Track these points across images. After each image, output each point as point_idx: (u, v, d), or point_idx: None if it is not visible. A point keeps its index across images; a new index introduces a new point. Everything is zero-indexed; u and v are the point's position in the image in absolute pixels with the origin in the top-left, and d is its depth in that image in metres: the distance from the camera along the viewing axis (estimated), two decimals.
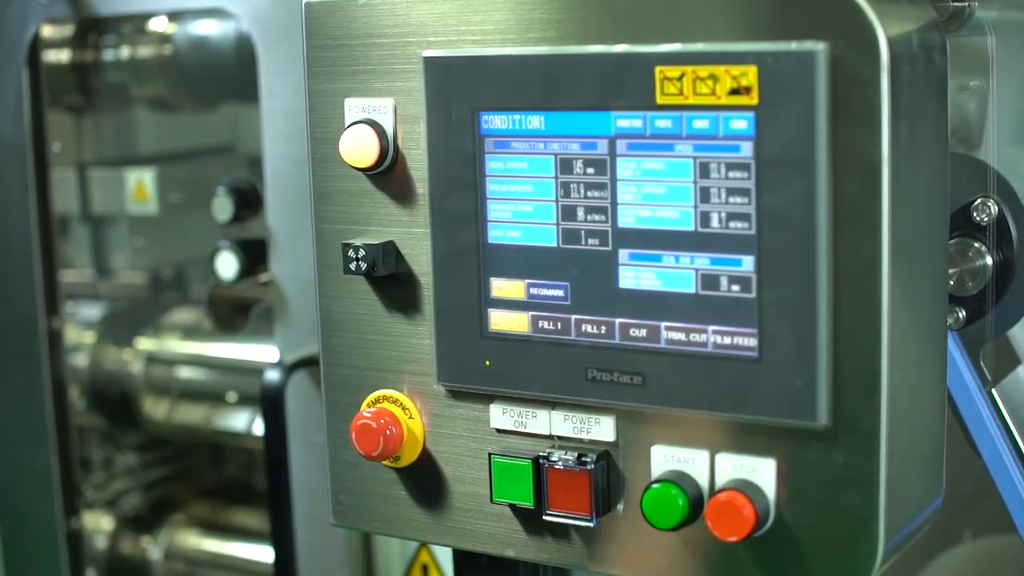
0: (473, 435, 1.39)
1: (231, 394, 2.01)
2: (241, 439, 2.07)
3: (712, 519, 1.25)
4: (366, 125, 1.38)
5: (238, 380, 2.02)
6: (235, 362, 2.03)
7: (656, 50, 1.24)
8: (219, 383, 2.04)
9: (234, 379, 2.03)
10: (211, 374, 2.06)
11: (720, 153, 1.23)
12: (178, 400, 2.06)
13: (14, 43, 1.92)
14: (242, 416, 2.01)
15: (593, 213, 1.30)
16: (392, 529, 1.48)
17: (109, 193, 2.06)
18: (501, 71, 1.31)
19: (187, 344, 2.10)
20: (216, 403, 2.03)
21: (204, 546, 2.12)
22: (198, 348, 2.08)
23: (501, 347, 1.35)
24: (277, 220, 1.71)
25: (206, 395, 2.05)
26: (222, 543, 2.13)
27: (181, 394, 2.06)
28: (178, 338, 2.11)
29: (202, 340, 2.10)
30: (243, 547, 2.12)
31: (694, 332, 1.26)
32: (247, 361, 2.01)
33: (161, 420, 2.09)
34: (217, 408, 2.03)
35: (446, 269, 1.37)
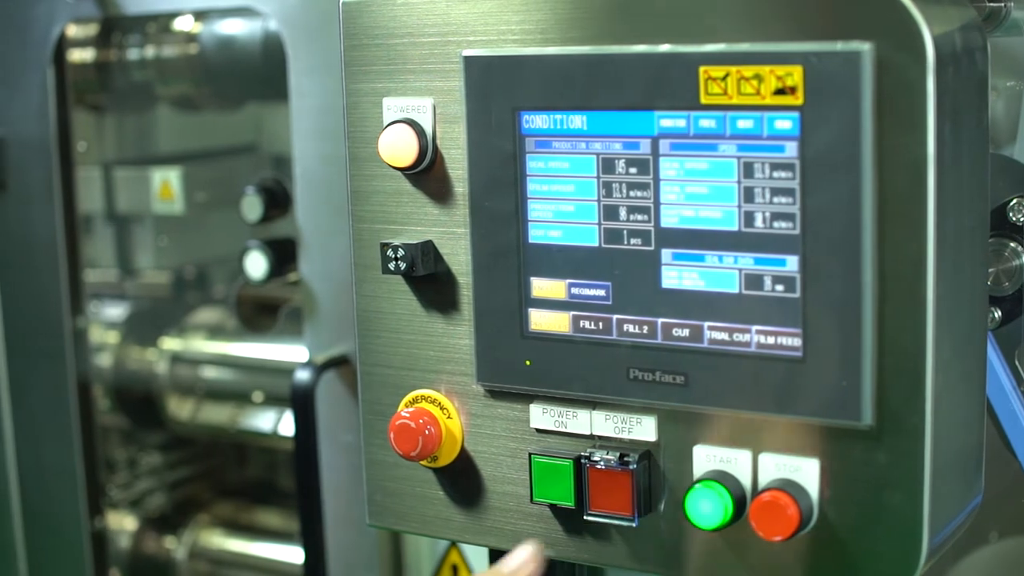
0: (512, 435, 1.39)
1: (257, 394, 2.00)
2: (267, 439, 2.06)
3: (756, 519, 1.25)
4: (405, 124, 1.38)
5: (264, 380, 2.02)
6: (261, 362, 2.03)
7: (700, 50, 1.24)
8: (244, 383, 2.03)
9: (260, 379, 2.03)
10: (236, 374, 2.05)
11: (764, 153, 1.23)
12: (203, 400, 2.06)
13: (40, 42, 1.92)
14: (268, 416, 2.01)
15: (635, 213, 1.29)
16: (429, 529, 1.48)
17: (134, 192, 2.06)
18: (542, 71, 1.31)
19: (212, 344, 2.09)
20: (241, 403, 2.03)
21: (228, 546, 2.12)
22: (223, 348, 2.08)
23: (542, 347, 1.35)
24: (307, 220, 1.70)
25: (231, 395, 2.04)
26: (246, 543, 2.13)
27: (206, 394, 2.06)
28: (203, 338, 2.10)
29: (227, 340, 2.09)
30: (267, 547, 2.11)
31: (737, 332, 1.26)
32: (273, 361, 2.01)
33: (186, 420, 2.08)
34: (242, 408, 2.03)
35: (486, 269, 1.36)
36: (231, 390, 2.05)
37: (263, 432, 2.00)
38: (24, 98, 1.95)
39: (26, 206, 1.98)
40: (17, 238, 1.99)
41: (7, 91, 1.97)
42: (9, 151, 1.98)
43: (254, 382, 2.02)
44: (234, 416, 2.03)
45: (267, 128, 2.30)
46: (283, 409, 2.00)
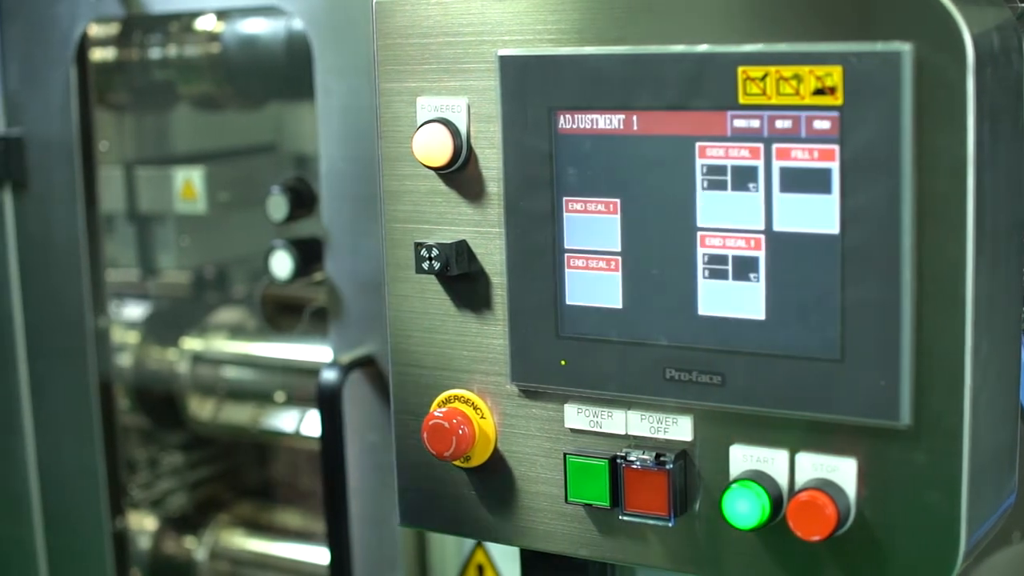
0: (546, 435, 1.39)
1: (279, 394, 2.00)
2: (289, 439, 2.06)
3: (794, 519, 1.25)
4: (439, 124, 1.38)
5: (285, 380, 2.02)
6: (282, 362, 2.02)
7: (739, 50, 1.24)
8: (266, 383, 2.03)
9: (281, 379, 2.02)
10: (258, 373, 2.05)
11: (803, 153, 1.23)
12: (224, 400, 2.06)
13: (62, 41, 1.92)
14: (290, 416, 2.00)
15: (671, 213, 1.29)
16: (461, 529, 1.48)
17: (156, 192, 2.06)
18: (578, 70, 1.31)
19: (233, 344, 2.09)
20: (263, 403, 2.02)
21: (248, 546, 2.12)
22: (245, 348, 2.07)
23: (577, 347, 1.35)
24: (332, 219, 1.70)
25: (253, 395, 2.04)
26: (267, 543, 2.12)
27: (227, 394, 2.06)
28: (224, 337, 2.10)
29: (248, 339, 2.09)
30: (288, 547, 2.11)
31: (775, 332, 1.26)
32: (295, 361, 2.00)
33: (207, 420, 2.08)
34: (264, 408, 2.02)
35: (520, 269, 1.36)
36: (253, 390, 2.04)
37: (285, 432, 1.99)
38: (45, 97, 1.94)
39: (47, 206, 1.97)
40: (38, 238, 1.99)
41: (28, 90, 1.96)
42: (30, 150, 1.98)
43: (276, 382, 2.02)
44: (256, 416, 2.02)
45: (287, 127, 2.30)
46: (305, 409, 2.00)
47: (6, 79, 1.98)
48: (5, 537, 2.12)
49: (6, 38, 1.97)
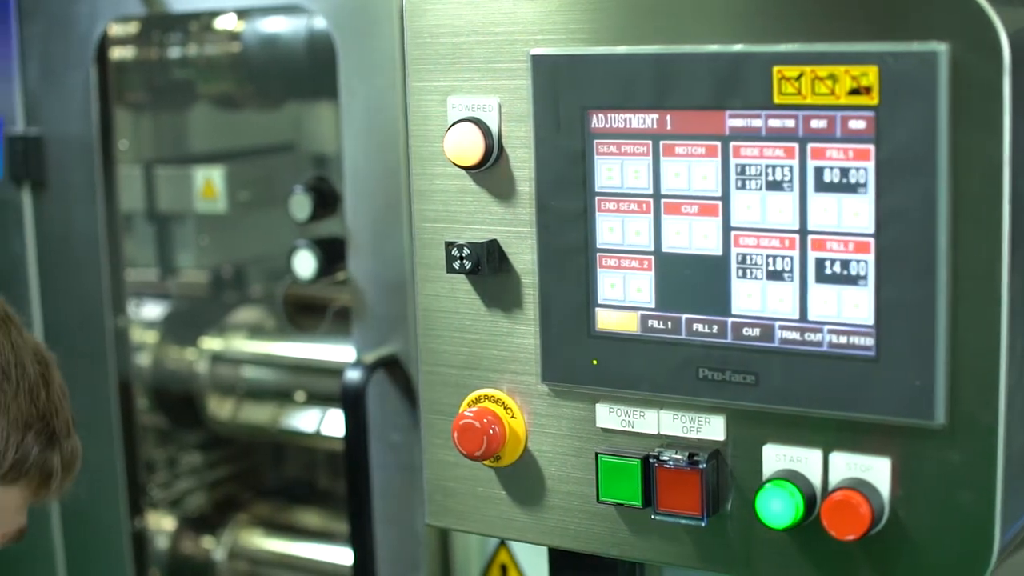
0: (577, 434, 1.39)
1: (299, 393, 2.00)
2: (309, 439, 2.06)
3: (828, 518, 1.25)
4: (471, 123, 1.37)
5: (305, 379, 2.01)
6: (302, 361, 2.02)
7: (774, 50, 1.24)
8: (286, 382, 2.03)
9: (301, 378, 2.02)
10: (278, 373, 2.05)
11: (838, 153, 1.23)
12: (244, 400, 2.05)
13: (82, 40, 1.91)
14: (310, 416, 2.00)
15: (704, 212, 1.29)
16: (490, 529, 1.48)
17: (176, 191, 2.05)
18: (611, 70, 1.31)
19: (253, 343, 2.09)
20: (283, 402, 2.02)
21: (268, 546, 2.11)
22: (264, 347, 2.07)
23: (609, 346, 1.35)
24: (356, 219, 1.70)
25: (273, 394, 2.04)
26: (286, 543, 2.12)
27: (247, 394, 2.05)
28: (243, 337, 2.10)
29: (268, 339, 2.08)
30: (307, 547, 2.11)
31: (809, 331, 1.26)
32: (315, 360, 2.00)
33: (226, 420, 2.07)
34: (284, 408, 2.02)
35: (552, 268, 1.36)
36: (272, 389, 2.04)
37: (306, 433, 1.99)
38: (65, 97, 1.94)
39: (66, 205, 1.97)
40: (57, 237, 1.99)
41: (47, 89, 1.96)
42: (49, 150, 1.97)
43: (296, 382, 2.02)
44: (276, 416, 2.02)
45: (304, 127, 2.29)
46: (325, 409, 1.99)
47: (25, 79, 1.98)
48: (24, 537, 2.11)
49: (25, 38, 1.97)
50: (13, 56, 1.97)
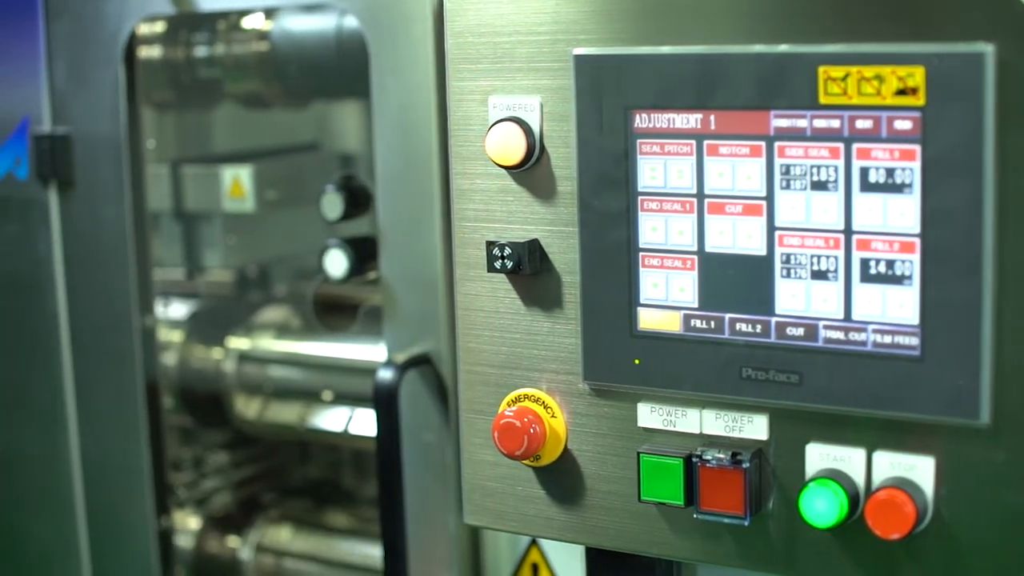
0: (618, 434, 1.39)
1: (326, 392, 2.00)
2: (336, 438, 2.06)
3: (872, 517, 1.26)
4: (513, 123, 1.38)
5: (334, 379, 2.01)
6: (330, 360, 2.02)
7: (820, 50, 1.24)
8: (314, 381, 2.03)
9: (330, 377, 2.02)
10: (305, 372, 2.05)
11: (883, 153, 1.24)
12: (271, 399, 2.05)
13: (111, 40, 1.91)
14: (338, 414, 2.00)
15: (748, 212, 1.30)
16: (530, 528, 1.48)
17: (204, 190, 2.05)
18: (655, 70, 1.31)
19: (280, 342, 2.09)
20: (311, 402, 2.02)
21: (294, 545, 2.11)
22: (291, 346, 2.07)
23: (651, 346, 1.35)
24: (387, 218, 1.70)
25: (301, 394, 2.04)
26: (312, 542, 2.12)
27: (274, 393, 2.05)
28: (270, 336, 2.10)
29: (295, 338, 2.09)
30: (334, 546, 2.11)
31: (853, 331, 1.27)
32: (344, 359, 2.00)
33: (253, 419, 2.07)
34: (311, 407, 2.02)
35: (594, 268, 1.36)
36: (300, 389, 2.04)
37: (334, 432, 1.99)
38: (93, 96, 1.94)
39: (94, 204, 1.97)
40: (84, 236, 1.99)
41: (75, 89, 1.96)
42: (77, 149, 1.97)
43: (323, 381, 2.02)
44: (303, 415, 2.02)
45: (328, 126, 2.30)
46: (353, 408, 1.99)
47: (52, 78, 1.98)
48: (50, 536, 2.12)
49: (51, 37, 1.97)
50: (40, 55, 1.98)
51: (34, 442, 2.10)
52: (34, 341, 2.07)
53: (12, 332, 2.09)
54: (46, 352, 2.06)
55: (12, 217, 2.05)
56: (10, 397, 2.11)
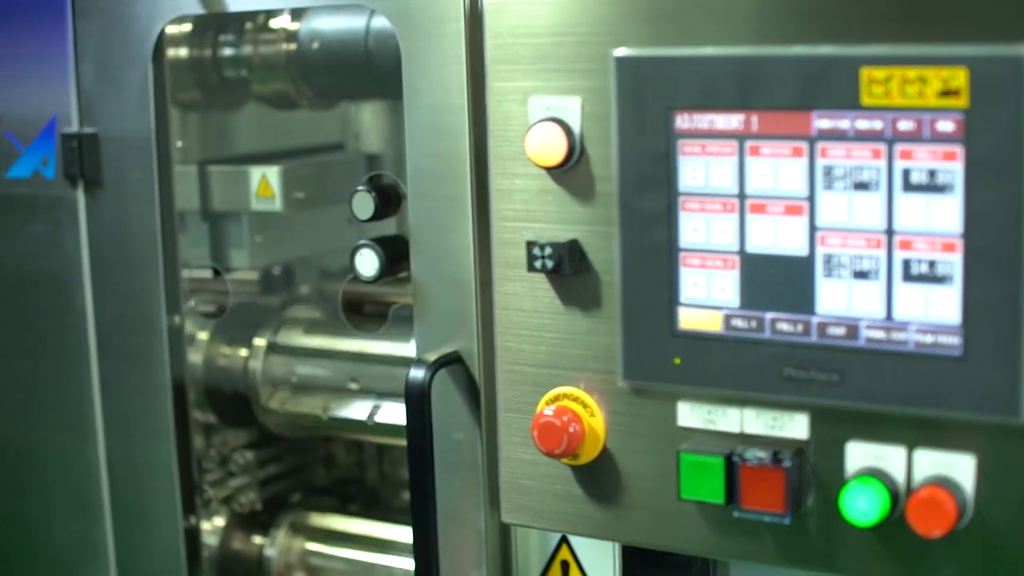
0: (657, 432, 1.40)
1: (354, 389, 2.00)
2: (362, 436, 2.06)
3: (914, 515, 1.27)
4: (553, 123, 1.39)
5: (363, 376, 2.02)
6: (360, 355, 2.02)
7: (862, 52, 1.25)
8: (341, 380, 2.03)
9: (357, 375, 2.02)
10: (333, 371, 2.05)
11: (926, 154, 1.25)
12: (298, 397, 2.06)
13: (140, 40, 1.91)
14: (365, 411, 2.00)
15: (789, 213, 1.30)
16: (568, 527, 1.49)
17: (231, 190, 2.06)
18: (697, 71, 1.32)
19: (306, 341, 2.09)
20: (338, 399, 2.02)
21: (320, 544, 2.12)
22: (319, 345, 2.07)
23: (691, 345, 1.36)
24: (419, 218, 1.70)
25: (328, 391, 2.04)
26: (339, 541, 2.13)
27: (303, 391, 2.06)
28: (297, 335, 2.10)
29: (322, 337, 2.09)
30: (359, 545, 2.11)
31: (895, 330, 1.27)
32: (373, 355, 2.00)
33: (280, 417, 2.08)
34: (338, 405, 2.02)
35: (634, 267, 1.37)
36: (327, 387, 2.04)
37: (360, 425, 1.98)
38: (121, 96, 1.94)
39: (122, 204, 1.97)
40: (112, 236, 1.99)
41: (103, 89, 1.96)
42: (105, 148, 1.98)
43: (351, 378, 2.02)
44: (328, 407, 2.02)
45: (351, 126, 2.30)
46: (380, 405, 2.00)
47: (79, 78, 1.98)
48: (75, 534, 2.12)
49: (79, 37, 1.97)
50: (68, 55, 1.98)
51: (60, 440, 2.10)
52: (61, 340, 2.07)
53: (39, 331, 2.09)
54: (73, 351, 2.06)
55: (39, 216, 2.06)
56: (37, 396, 2.11)
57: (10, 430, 2.15)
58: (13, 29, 2.06)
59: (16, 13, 2.05)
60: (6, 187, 2.08)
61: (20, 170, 2.07)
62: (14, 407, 2.14)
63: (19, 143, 2.06)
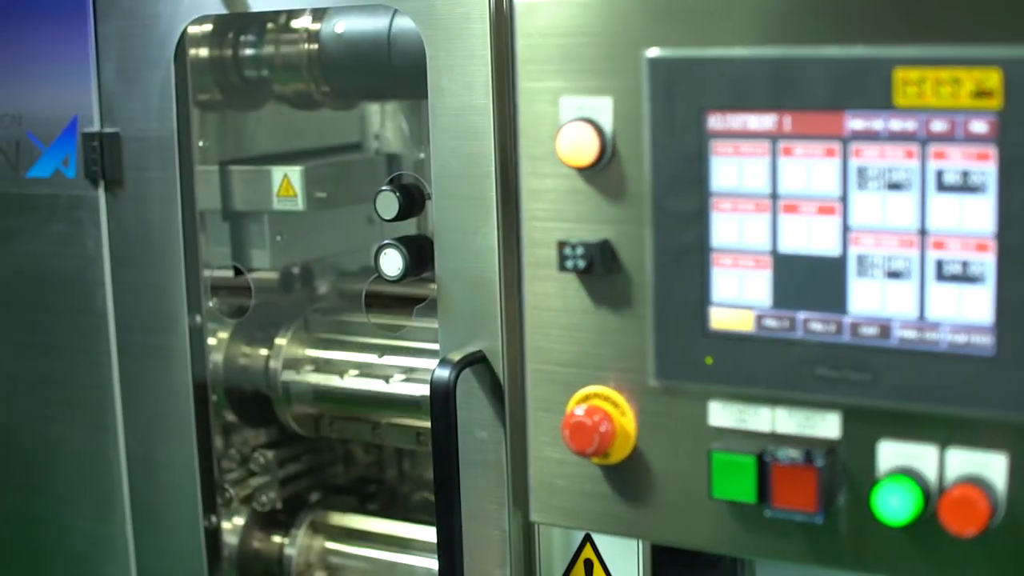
0: (688, 432, 1.40)
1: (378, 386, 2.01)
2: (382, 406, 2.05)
3: (947, 514, 1.27)
4: (585, 123, 1.39)
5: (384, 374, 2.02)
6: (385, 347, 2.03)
7: (896, 53, 1.26)
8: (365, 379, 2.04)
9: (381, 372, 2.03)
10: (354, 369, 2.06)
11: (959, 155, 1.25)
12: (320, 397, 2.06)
13: (162, 40, 1.92)
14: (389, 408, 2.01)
15: (822, 213, 1.31)
16: (597, 526, 1.50)
17: (252, 190, 2.06)
18: (730, 71, 1.32)
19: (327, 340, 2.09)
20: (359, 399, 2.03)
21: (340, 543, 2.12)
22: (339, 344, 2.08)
23: (723, 345, 1.36)
24: (443, 218, 1.71)
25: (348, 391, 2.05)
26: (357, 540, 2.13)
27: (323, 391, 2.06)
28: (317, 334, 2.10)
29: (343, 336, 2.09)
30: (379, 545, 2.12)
31: (928, 330, 1.28)
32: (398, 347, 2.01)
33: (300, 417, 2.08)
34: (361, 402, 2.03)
35: (666, 267, 1.38)
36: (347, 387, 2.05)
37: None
38: (143, 95, 1.95)
39: (143, 203, 1.97)
40: (133, 235, 1.99)
41: (124, 88, 1.96)
42: (126, 147, 1.98)
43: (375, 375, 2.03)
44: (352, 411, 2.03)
45: (369, 126, 2.31)
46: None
47: (100, 77, 1.99)
48: (95, 533, 2.13)
49: (101, 37, 1.98)
50: (89, 55, 1.98)
51: (80, 440, 2.10)
52: (81, 339, 2.07)
53: (59, 330, 2.09)
54: (93, 351, 2.06)
55: (60, 216, 2.06)
56: (57, 395, 2.11)
57: (30, 429, 2.16)
58: (34, 29, 2.06)
59: (37, 13, 2.05)
60: (27, 187, 2.09)
61: (41, 170, 2.08)
62: (34, 406, 2.15)
63: (40, 143, 2.07)
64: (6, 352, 2.16)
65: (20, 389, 2.15)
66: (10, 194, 2.11)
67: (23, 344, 2.14)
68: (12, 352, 2.16)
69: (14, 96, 2.09)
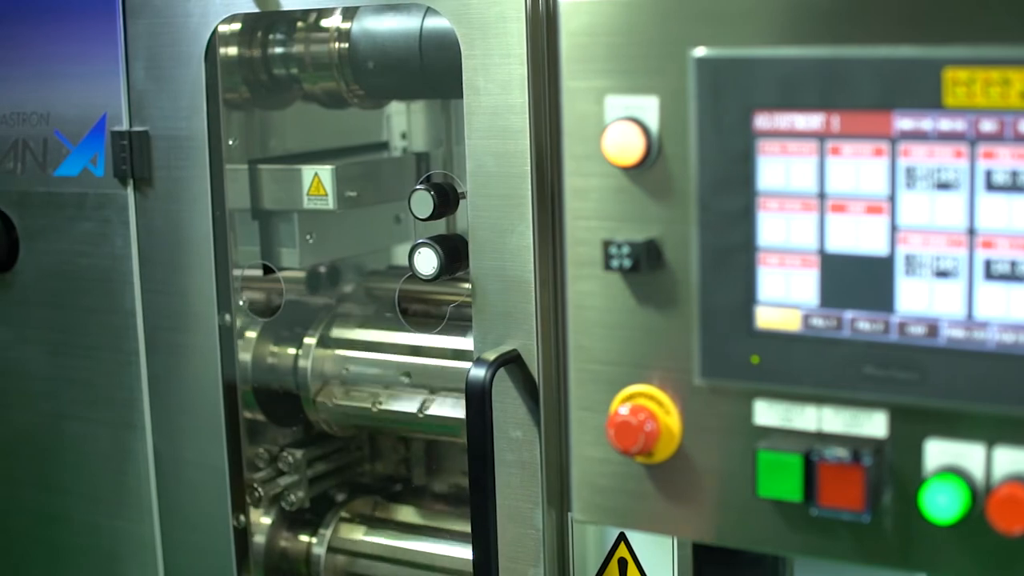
0: (733, 431, 1.41)
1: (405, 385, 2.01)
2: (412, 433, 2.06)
3: (995, 512, 1.27)
4: (631, 123, 1.39)
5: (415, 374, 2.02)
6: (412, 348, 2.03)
7: (945, 53, 1.26)
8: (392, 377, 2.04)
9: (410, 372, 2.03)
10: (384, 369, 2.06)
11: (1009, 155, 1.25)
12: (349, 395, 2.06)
13: (193, 38, 1.92)
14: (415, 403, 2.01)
15: (870, 213, 1.31)
16: (641, 525, 1.50)
17: (282, 189, 2.06)
18: (777, 71, 1.32)
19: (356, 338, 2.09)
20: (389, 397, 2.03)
21: (369, 542, 2.12)
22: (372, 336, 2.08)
23: (770, 344, 1.37)
24: (478, 217, 1.71)
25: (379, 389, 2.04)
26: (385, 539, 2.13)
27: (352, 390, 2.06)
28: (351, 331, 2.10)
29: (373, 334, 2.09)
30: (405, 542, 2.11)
31: (976, 329, 1.28)
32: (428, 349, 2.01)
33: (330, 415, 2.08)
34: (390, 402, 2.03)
35: (712, 266, 1.38)
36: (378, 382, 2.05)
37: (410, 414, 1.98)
38: (172, 94, 1.95)
39: (173, 201, 1.98)
40: (162, 233, 1.99)
41: (154, 87, 1.96)
42: (156, 146, 1.98)
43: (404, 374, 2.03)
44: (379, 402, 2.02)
45: (396, 125, 2.31)
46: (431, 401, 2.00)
47: (130, 76, 1.99)
48: (123, 532, 2.13)
49: (130, 35, 1.98)
50: (118, 54, 1.98)
51: (109, 438, 2.11)
52: (110, 338, 2.08)
53: (88, 329, 2.09)
54: (122, 349, 2.07)
55: (88, 214, 2.06)
56: (85, 394, 2.11)
57: (58, 428, 2.16)
58: (62, 27, 2.06)
59: (65, 12, 2.05)
60: (55, 185, 2.09)
61: (69, 168, 2.08)
62: (63, 405, 2.15)
63: (68, 141, 2.07)
64: (34, 351, 2.16)
65: (48, 388, 2.16)
66: (38, 193, 2.11)
67: (51, 343, 2.14)
68: (40, 351, 2.16)
69: (42, 94, 2.10)
